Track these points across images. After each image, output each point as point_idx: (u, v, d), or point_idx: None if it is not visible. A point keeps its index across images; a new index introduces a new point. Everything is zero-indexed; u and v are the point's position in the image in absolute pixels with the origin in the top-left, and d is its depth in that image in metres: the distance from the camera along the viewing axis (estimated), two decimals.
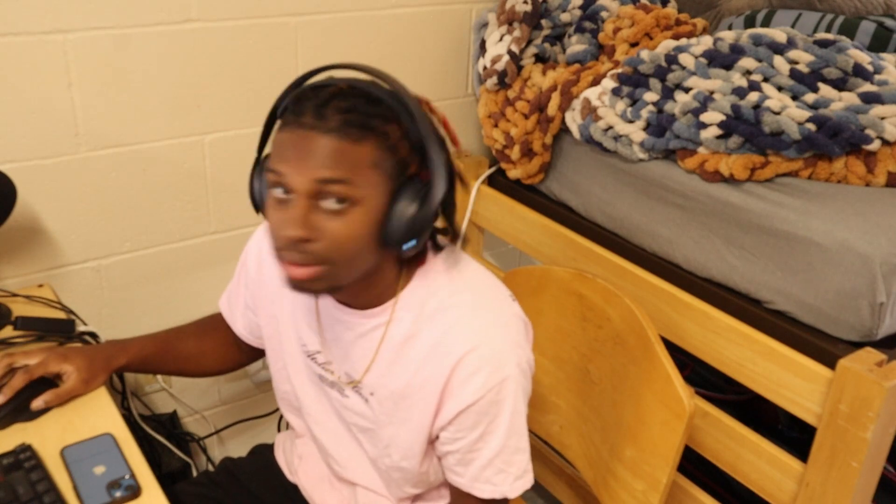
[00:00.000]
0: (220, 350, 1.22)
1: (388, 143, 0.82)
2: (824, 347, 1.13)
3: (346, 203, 0.80)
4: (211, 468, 1.72)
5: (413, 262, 0.94)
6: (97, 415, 1.07)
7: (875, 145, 1.17)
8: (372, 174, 0.81)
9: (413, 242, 0.85)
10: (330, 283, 0.85)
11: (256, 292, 1.12)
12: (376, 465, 1.05)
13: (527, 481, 0.98)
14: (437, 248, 0.96)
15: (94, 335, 1.32)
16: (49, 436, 1.02)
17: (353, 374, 1.00)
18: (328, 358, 1.02)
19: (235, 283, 1.18)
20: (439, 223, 0.92)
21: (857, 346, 1.12)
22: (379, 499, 1.09)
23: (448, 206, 0.89)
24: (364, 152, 0.80)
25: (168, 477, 1.51)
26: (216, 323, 1.22)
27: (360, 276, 0.87)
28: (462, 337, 0.90)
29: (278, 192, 0.82)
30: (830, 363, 1.10)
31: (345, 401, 1.02)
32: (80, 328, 1.29)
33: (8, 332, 1.21)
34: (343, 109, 0.80)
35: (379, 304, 0.94)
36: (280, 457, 1.23)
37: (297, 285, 0.84)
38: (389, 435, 1.00)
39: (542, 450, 1.56)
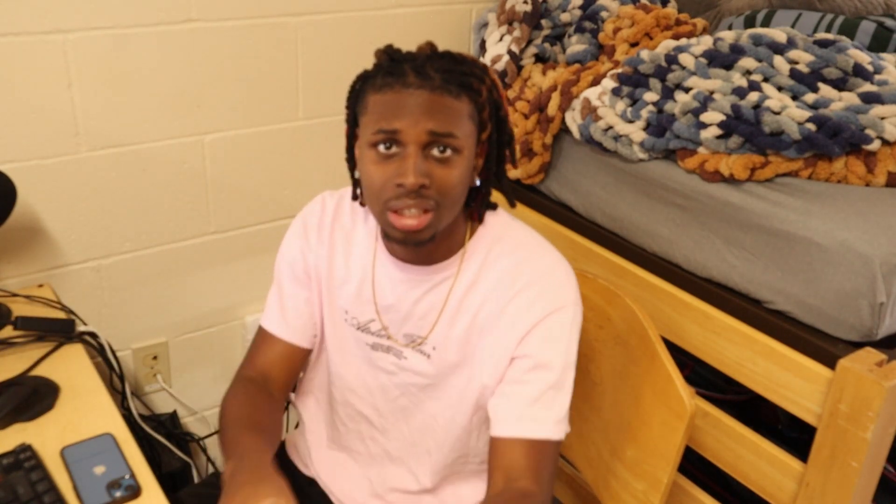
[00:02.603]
0: (265, 413, 1.06)
1: (479, 101, 0.92)
2: (824, 347, 1.13)
3: (450, 151, 0.89)
4: (212, 468, 1.72)
5: (478, 215, 1.02)
6: (97, 415, 1.07)
7: (875, 145, 1.17)
8: (468, 125, 0.91)
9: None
10: (434, 229, 0.92)
11: (311, 274, 1.08)
12: (424, 434, 1.06)
13: (563, 429, 0.98)
14: (493, 208, 1.04)
15: (94, 335, 1.33)
16: (49, 436, 1.02)
17: (418, 332, 1.02)
18: (384, 324, 1.04)
19: (286, 288, 1.10)
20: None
21: (857, 346, 1.12)
22: (407, 477, 1.09)
23: (502, 174, 1.01)
24: (462, 106, 0.90)
25: (168, 477, 1.51)
26: (248, 402, 1.07)
27: (449, 223, 0.95)
28: (524, 273, 0.98)
29: (382, 149, 0.89)
30: (830, 363, 1.10)
31: (403, 363, 1.04)
32: (80, 328, 1.29)
33: (8, 332, 1.21)
34: (440, 69, 0.89)
35: (448, 257, 1.00)
36: (293, 453, 1.23)
37: (408, 236, 0.91)
38: (451, 385, 1.01)
39: None
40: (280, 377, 1.10)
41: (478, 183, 0.99)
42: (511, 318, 0.97)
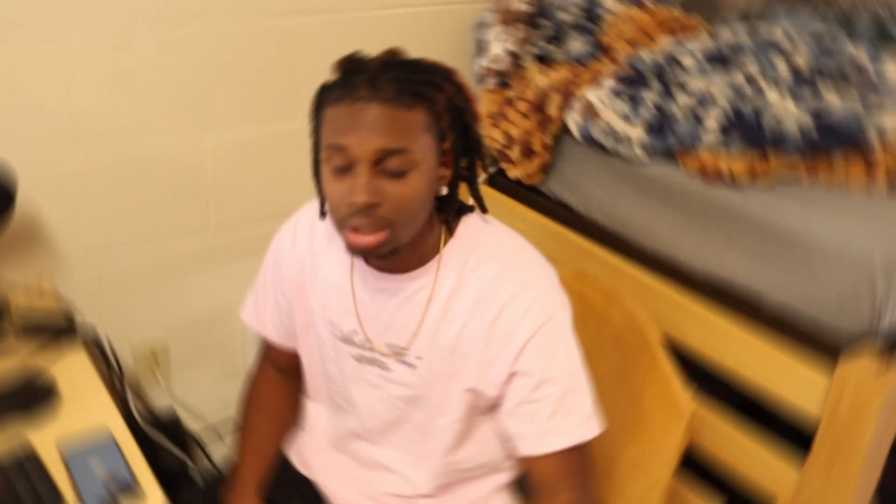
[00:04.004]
0: (282, 398, 1.22)
1: (436, 110, 0.88)
2: (824, 347, 1.13)
3: (406, 165, 0.86)
4: (211, 468, 1.72)
5: (452, 220, 0.99)
6: (97, 414, 1.07)
7: (875, 145, 1.17)
8: (425, 137, 0.88)
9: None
10: (393, 245, 0.89)
11: (291, 287, 1.11)
12: (415, 443, 1.06)
13: (595, 425, 0.97)
14: (469, 211, 1.02)
15: (94, 335, 1.33)
16: (49, 436, 1.02)
17: (399, 342, 1.00)
18: (367, 335, 1.03)
19: (261, 289, 1.16)
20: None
21: (858, 345, 1.12)
22: (401, 483, 1.09)
23: (473, 180, 0.98)
24: (417, 117, 0.86)
25: (168, 477, 1.51)
26: (262, 390, 1.22)
27: (414, 235, 0.92)
28: (508, 282, 0.95)
29: (338, 164, 0.87)
30: (831, 363, 1.10)
31: (388, 374, 1.03)
32: (81, 328, 1.29)
33: (8, 331, 1.21)
34: (394, 80, 0.85)
35: (424, 264, 0.98)
36: (292, 453, 1.23)
37: (363, 252, 0.90)
38: (440, 394, 1.00)
39: None
40: (280, 361, 1.19)
41: (445, 192, 0.96)
42: (503, 332, 0.95)
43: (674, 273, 1.34)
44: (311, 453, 1.19)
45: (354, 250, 0.90)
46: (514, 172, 1.59)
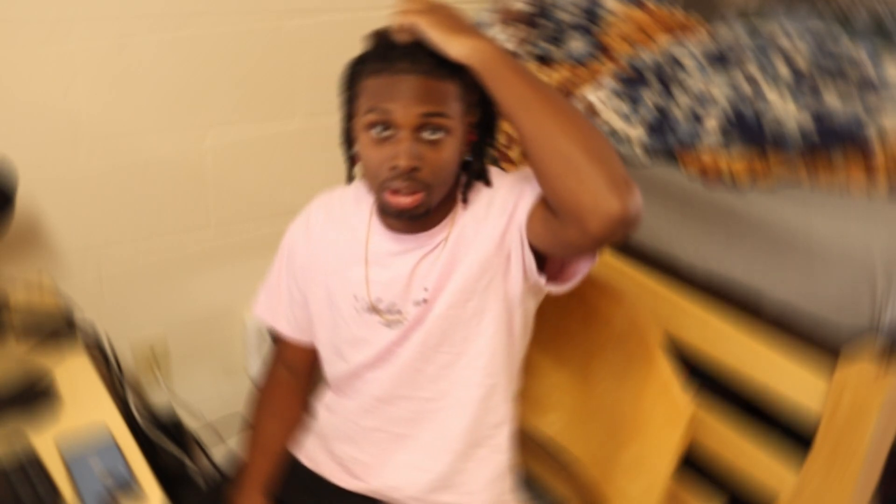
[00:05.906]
0: (292, 400, 1.23)
1: (467, 83, 0.94)
2: (824, 347, 1.13)
3: (442, 132, 0.93)
4: (211, 468, 1.72)
5: (468, 185, 1.04)
6: (97, 414, 1.07)
7: (875, 145, 1.17)
8: (458, 106, 0.95)
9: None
10: (427, 206, 0.97)
11: (304, 275, 1.13)
12: (450, 391, 1.07)
13: None
14: (485, 177, 1.06)
15: (94, 334, 1.33)
16: (49, 436, 1.02)
17: (424, 294, 1.03)
18: (392, 299, 1.05)
19: (275, 282, 1.19)
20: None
21: (858, 345, 1.12)
22: (426, 460, 1.09)
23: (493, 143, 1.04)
24: (452, 87, 0.93)
25: (168, 477, 1.51)
26: (272, 392, 1.23)
27: (443, 197, 1.00)
28: (499, 186, 1.02)
29: (377, 132, 0.93)
30: (831, 363, 1.10)
31: (416, 332, 1.04)
32: (80, 327, 1.29)
33: (7, 331, 1.21)
34: (431, 53, 0.91)
35: (442, 220, 1.03)
36: (299, 450, 1.23)
37: (402, 213, 0.96)
38: (476, 311, 1.02)
39: (542, 450, 1.56)
40: (292, 359, 1.21)
41: (469, 158, 1.02)
42: (496, 210, 1.00)
43: (674, 273, 1.34)
44: (326, 446, 1.18)
45: (391, 211, 0.97)
46: None
